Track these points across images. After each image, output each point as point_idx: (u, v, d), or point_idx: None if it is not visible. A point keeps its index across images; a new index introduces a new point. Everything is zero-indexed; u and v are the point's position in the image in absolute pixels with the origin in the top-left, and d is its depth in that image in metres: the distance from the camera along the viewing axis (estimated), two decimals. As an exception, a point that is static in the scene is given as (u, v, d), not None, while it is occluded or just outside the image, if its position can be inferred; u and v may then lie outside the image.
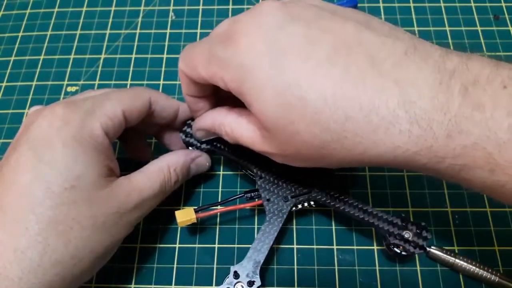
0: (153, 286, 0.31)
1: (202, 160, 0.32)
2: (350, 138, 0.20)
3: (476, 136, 0.18)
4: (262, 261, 0.28)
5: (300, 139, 0.21)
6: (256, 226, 0.32)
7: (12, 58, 0.42)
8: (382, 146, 0.20)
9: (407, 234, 0.28)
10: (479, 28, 0.41)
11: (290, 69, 0.21)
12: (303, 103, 0.20)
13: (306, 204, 0.30)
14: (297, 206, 0.30)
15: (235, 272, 0.27)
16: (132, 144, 0.33)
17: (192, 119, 0.32)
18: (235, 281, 0.27)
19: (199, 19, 0.43)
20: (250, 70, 0.22)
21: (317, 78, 0.20)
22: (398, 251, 0.28)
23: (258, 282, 0.27)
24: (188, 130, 0.32)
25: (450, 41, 0.40)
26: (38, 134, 0.24)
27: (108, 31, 0.42)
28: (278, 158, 0.25)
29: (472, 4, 0.42)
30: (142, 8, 0.44)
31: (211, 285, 0.30)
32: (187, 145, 0.32)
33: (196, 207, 0.30)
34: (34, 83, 0.40)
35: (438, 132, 0.19)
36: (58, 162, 0.24)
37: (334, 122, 0.20)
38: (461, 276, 0.30)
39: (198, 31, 0.42)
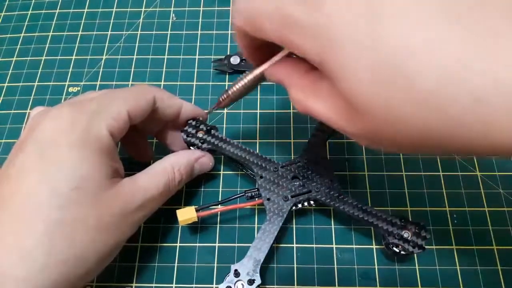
0: (154, 284, 0.31)
1: (206, 159, 0.32)
2: (477, 126, 0.15)
3: None
4: (262, 259, 0.28)
5: (401, 125, 0.17)
6: (256, 225, 0.33)
7: (14, 59, 0.42)
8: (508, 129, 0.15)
9: (406, 234, 0.28)
10: None
11: (395, 31, 0.16)
12: (410, 80, 0.15)
13: (306, 204, 0.30)
14: (297, 206, 0.30)
15: (236, 270, 0.27)
16: (134, 144, 0.33)
17: (194, 118, 0.32)
18: (236, 279, 0.27)
19: (200, 20, 0.43)
20: (338, 35, 0.17)
21: (432, 45, 0.15)
22: (397, 251, 0.28)
23: (258, 281, 0.27)
24: (190, 129, 0.32)
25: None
26: (45, 135, 0.25)
27: (109, 32, 0.43)
28: (363, 141, 0.20)
29: None
30: (143, 9, 0.44)
31: (212, 283, 0.31)
32: (189, 145, 0.32)
33: (197, 206, 0.30)
34: (36, 83, 0.40)
35: None
36: (65, 164, 0.24)
37: (455, 105, 0.15)
38: (460, 276, 0.30)
39: (199, 32, 0.42)
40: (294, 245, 0.32)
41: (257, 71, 0.25)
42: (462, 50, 0.15)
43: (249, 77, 0.26)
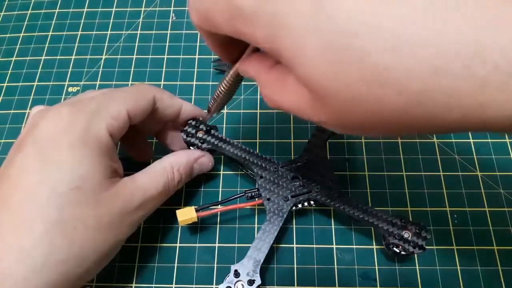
0: (154, 285, 0.31)
1: (205, 159, 0.32)
2: (440, 100, 0.14)
3: None
4: (262, 260, 0.28)
5: (362, 106, 0.16)
6: (256, 226, 0.32)
7: (14, 59, 0.42)
8: (493, 109, 0.14)
9: (406, 234, 0.28)
10: None
11: (340, 8, 0.15)
12: (361, 56, 0.15)
13: (306, 204, 0.30)
14: (297, 206, 0.30)
15: (236, 271, 0.27)
16: (133, 144, 0.33)
17: (193, 118, 0.32)
18: (236, 279, 0.27)
19: (200, 20, 0.43)
20: (285, 20, 0.16)
21: (380, 19, 0.14)
22: (397, 251, 0.28)
23: (258, 281, 0.27)
24: (190, 129, 0.32)
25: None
26: (44, 135, 0.25)
27: (109, 32, 0.43)
28: (335, 127, 0.19)
29: None
30: (142, 9, 0.44)
31: (212, 284, 0.31)
32: (188, 145, 0.32)
33: (196, 207, 0.30)
34: (36, 83, 0.40)
35: None
36: (64, 163, 0.24)
37: (413, 79, 0.14)
38: (460, 276, 0.30)
39: (199, 32, 0.42)
40: (294, 245, 0.32)
41: (232, 70, 0.25)
42: (412, 21, 0.14)
43: (227, 77, 0.26)
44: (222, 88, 0.27)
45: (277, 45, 0.17)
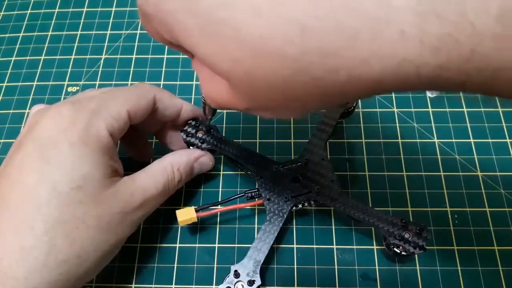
0: (153, 285, 0.31)
1: (206, 159, 0.32)
2: (319, 62, 0.13)
3: None
4: (262, 260, 0.28)
5: (256, 81, 0.15)
6: (256, 226, 0.32)
7: (13, 59, 0.42)
8: (374, 64, 0.13)
9: (406, 234, 0.28)
10: None
11: None
12: (233, 27, 0.14)
13: (306, 204, 0.30)
14: (297, 206, 0.30)
15: (236, 271, 0.27)
16: (133, 143, 0.33)
17: (194, 118, 0.32)
18: (236, 280, 0.27)
19: (200, 19, 0.43)
20: (179, 19, 0.16)
21: None
22: (398, 251, 0.28)
23: (258, 281, 0.27)
24: (190, 129, 0.32)
25: None
26: (44, 134, 0.25)
27: (108, 32, 0.43)
28: (256, 112, 0.19)
29: None
30: (142, 8, 0.44)
31: (212, 284, 0.30)
32: (188, 144, 0.32)
33: (196, 207, 0.30)
34: (35, 83, 0.40)
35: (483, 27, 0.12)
36: (65, 163, 0.24)
37: (286, 43, 0.13)
38: (461, 276, 0.30)
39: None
40: (294, 245, 0.32)
41: None
42: None
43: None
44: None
45: (175, 38, 0.17)
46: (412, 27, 0.12)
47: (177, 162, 0.29)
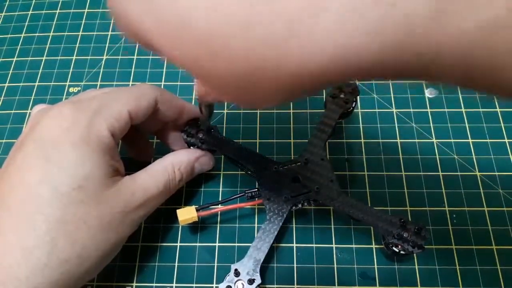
0: (154, 284, 0.31)
1: (206, 159, 0.32)
2: (261, 54, 0.14)
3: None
4: (262, 259, 0.28)
5: (219, 73, 0.15)
6: (256, 225, 0.33)
7: (15, 59, 0.42)
8: (316, 53, 0.13)
9: (405, 234, 0.28)
10: None
11: None
12: (184, 17, 0.14)
13: (306, 204, 0.30)
14: (297, 205, 0.30)
15: (236, 270, 0.27)
16: (134, 143, 0.33)
17: (194, 119, 0.32)
18: (236, 279, 0.27)
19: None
20: (127, 12, 0.17)
21: None
22: (397, 250, 0.28)
23: (258, 280, 0.27)
24: (190, 130, 0.32)
25: None
26: (46, 134, 0.25)
27: (110, 33, 0.43)
28: (237, 100, 0.19)
29: None
30: (143, 9, 0.44)
31: (212, 283, 0.31)
32: (189, 145, 0.32)
33: (197, 206, 0.30)
34: (37, 84, 0.40)
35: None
36: (66, 163, 0.24)
37: (225, 39, 0.14)
38: (459, 276, 0.30)
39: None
40: (294, 244, 0.32)
41: None
42: None
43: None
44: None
45: (143, 42, 0.17)
46: (350, 12, 0.12)
47: (178, 162, 0.30)
